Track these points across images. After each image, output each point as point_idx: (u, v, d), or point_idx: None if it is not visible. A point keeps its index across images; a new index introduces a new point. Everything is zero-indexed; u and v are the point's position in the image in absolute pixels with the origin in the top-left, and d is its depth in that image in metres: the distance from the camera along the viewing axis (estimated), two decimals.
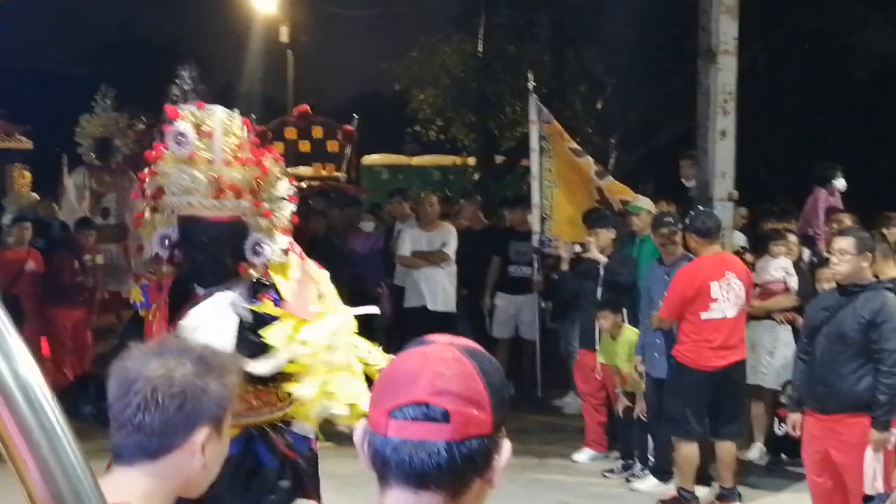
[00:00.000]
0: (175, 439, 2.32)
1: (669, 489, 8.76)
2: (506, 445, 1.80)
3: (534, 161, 11.63)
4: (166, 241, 5.93)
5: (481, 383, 1.76)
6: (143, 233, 5.95)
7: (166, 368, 2.33)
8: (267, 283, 5.89)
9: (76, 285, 11.76)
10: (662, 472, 9.05)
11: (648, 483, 9.08)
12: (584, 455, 9.97)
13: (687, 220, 8.71)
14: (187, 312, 5.68)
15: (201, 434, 2.33)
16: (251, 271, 5.96)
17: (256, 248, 6.05)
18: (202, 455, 2.34)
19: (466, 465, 1.72)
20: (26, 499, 1.51)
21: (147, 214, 6.02)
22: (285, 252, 5.97)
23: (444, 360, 1.77)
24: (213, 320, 5.71)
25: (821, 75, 21.19)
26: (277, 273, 6.01)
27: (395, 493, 1.75)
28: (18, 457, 1.48)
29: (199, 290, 6.00)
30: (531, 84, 11.80)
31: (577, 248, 10.27)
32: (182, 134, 5.73)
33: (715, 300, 8.24)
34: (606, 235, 9.90)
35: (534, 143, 11.60)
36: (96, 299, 12.28)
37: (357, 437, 1.82)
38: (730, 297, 8.28)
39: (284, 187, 6.07)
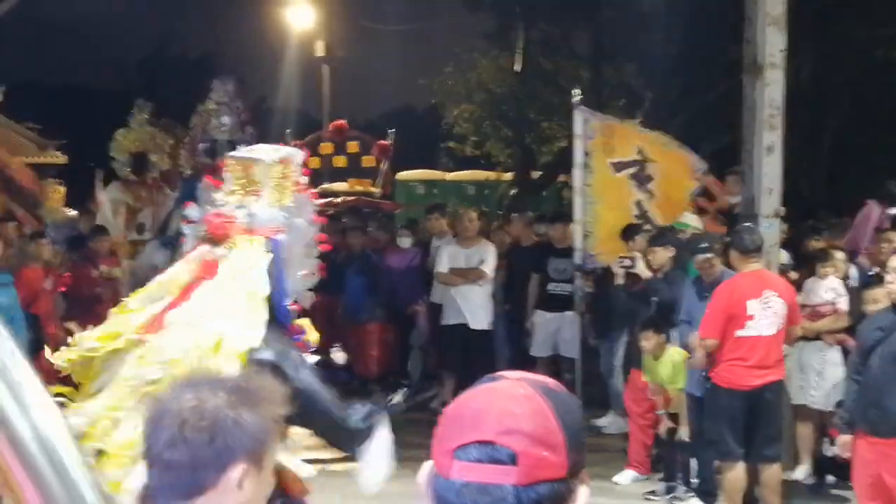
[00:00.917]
0: (207, 477, 2.11)
1: None
2: (582, 492, 1.62)
3: (577, 176, 11.41)
4: None
5: (555, 422, 1.59)
6: None
7: (198, 400, 2.13)
8: None
9: (95, 297, 11.35)
10: (706, 493, 8.87)
11: None
12: (625, 476, 9.73)
13: (730, 237, 8.52)
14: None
15: (237, 471, 2.12)
16: None
17: None
18: (240, 493, 2.14)
19: None
20: None
21: None
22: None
23: (515, 397, 1.61)
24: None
25: (866, 87, 20.88)
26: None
27: None
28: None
29: None
30: (577, 98, 11.57)
31: (627, 263, 10.06)
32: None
33: (751, 317, 8.00)
34: (664, 254, 9.67)
35: (578, 157, 11.36)
36: None
37: (422, 480, 1.65)
38: (767, 316, 8.04)
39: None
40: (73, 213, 15.10)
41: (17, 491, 1.20)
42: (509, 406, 1.59)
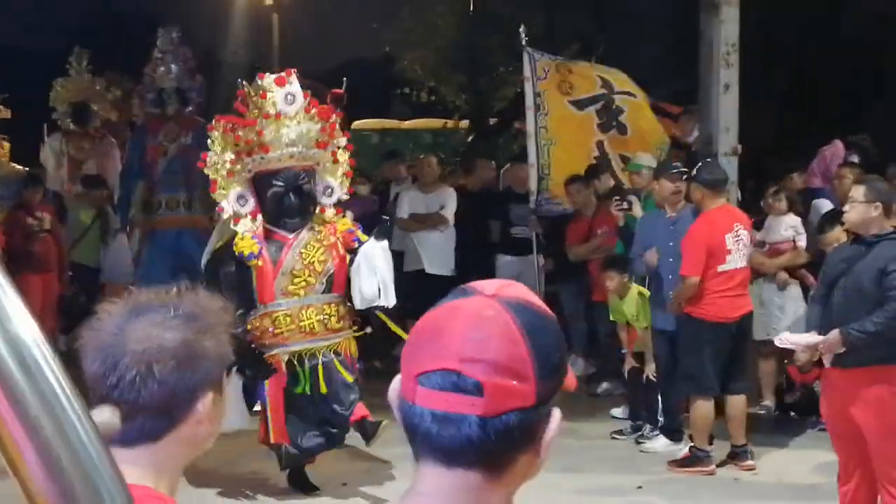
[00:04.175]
0: (178, 414, 2.00)
1: (679, 448, 8.75)
2: (555, 416, 1.52)
3: (529, 119, 11.29)
4: (242, 200, 7.46)
5: (524, 348, 1.47)
6: (218, 196, 7.49)
7: (156, 335, 1.98)
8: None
9: (29, 247, 11.34)
10: (673, 431, 8.99)
11: (659, 443, 9.01)
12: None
13: (693, 172, 8.53)
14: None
15: (205, 402, 2.03)
16: (327, 212, 7.70)
17: (327, 189, 7.74)
18: (208, 423, 2.05)
19: (503, 442, 1.46)
20: (22, 495, 1.06)
21: (222, 179, 7.48)
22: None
23: (482, 318, 1.48)
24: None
25: (813, 35, 20.90)
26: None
27: (426, 467, 1.52)
28: (12, 444, 1.03)
29: (286, 234, 7.52)
30: (524, 38, 11.42)
31: (625, 206, 9.98)
32: (292, 94, 7.49)
33: (729, 252, 8.26)
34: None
35: (529, 100, 11.25)
36: (62, 265, 11.95)
37: (391, 397, 1.56)
38: (739, 248, 8.33)
39: (343, 139, 7.85)
40: (19, 168, 14.81)
41: None
42: (475, 331, 1.47)
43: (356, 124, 22.24)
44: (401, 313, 8.49)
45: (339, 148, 7.87)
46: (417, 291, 11.63)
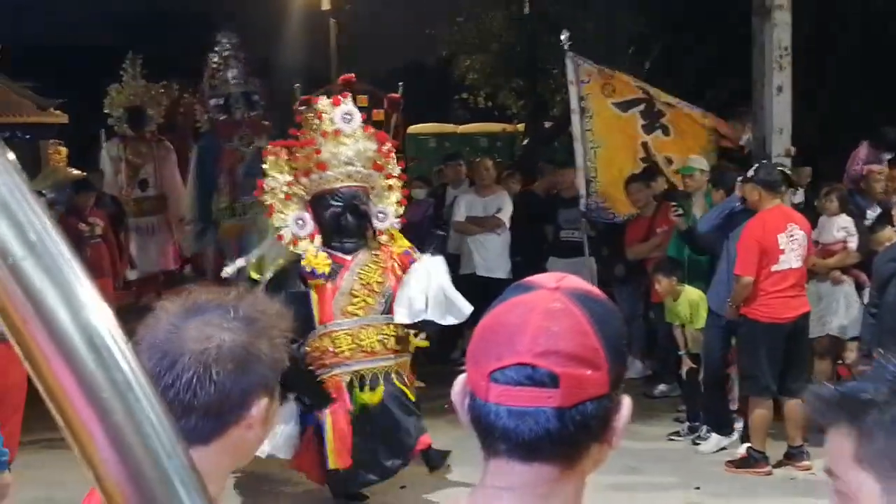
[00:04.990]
0: (231, 418, 1.99)
1: (731, 440, 8.90)
2: (625, 402, 1.56)
3: (575, 122, 11.31)
4: (300, 222, 7.48)
5: (594, 337, 1.49)
6: (276, 220, 7.53)
7: (216, 336, 1.97)
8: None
9: (85, 256, 11.38)
10: (721, 425, 9.06)
11: (711, 442, 9.04)
12: None
13: (751, 173, 8.56)
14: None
15: (259, 406, 2.01)
16: (382, 236, 7.73)
17: (380, 214, 7.75)
18: (259, 428, 2.04)
19: (581, 431, 1.49)
20: (93, 483, 1.05)
21: (279, 203, 7.53)
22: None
23: (551, 311, 1.50)
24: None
25: (866, 35, 20.65)
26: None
27: (501, 462, 1.51)
28: (81, 426, 1.02)
29: (343, 255, 7.51)
30: (566, 44, 11.45)
31: (681, 211, 9.93)
32: (349, 113, 7.56)
33: (783, 252, 8.26)
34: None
35: (574, 104, 11.27)
36: (115, 271, 12.07)
37: (456, 396, 1.56)
38: (794, 248, 8.31)
39: (398, 168, 8.00)
40: (77, 171, 15.04)
41: (64, 403, 1.05)
42: (546, 323, 1.49)
43: (414, 128, 22.34)
44: None
45: (393, 175, 7.90)
46: (472, 295, 11.70)
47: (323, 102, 7.67)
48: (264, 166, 7.66)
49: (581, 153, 11.12)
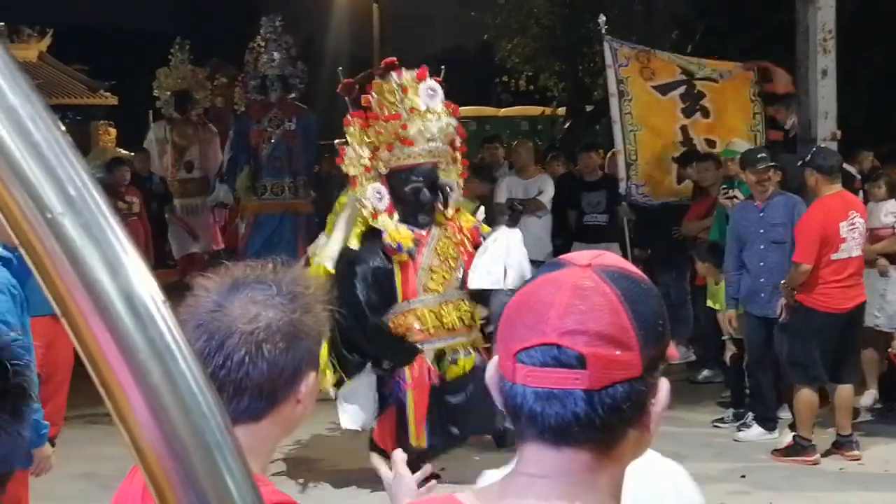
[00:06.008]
0: (282, 395, 1.99)
1: (773, 437, 8.67)
2: (663, 386, 1.46)
3: (613, 106, 11.26)
4: (378, 195, 7.41)
5: (626, 316, 1.40)
6: (359, 192, 7.45)
7: (263, 314, 1.96)
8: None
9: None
10: (766, 419, 8.86)
11: (753, 432, 8.84)
12: None
13: (807, 157, 8.44)
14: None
15: (308, 381, 2.02)
16: (447, 211, 7.65)
17: (447, 188, 7.65)
18: (307, 402, 2.04)
19: (612, 415, 1.39)
20: (128, 446, 1.02)
21: (361, 175, 7.45)
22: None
23: (580, 289, 1.42)
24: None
25: None
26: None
27: (532, 448, 1.44)
28: (118, 388, 0.99)
29: (420, 231, 7.45)
30: (603, 28, 11.41)
31: (731, 194, 9.84)
32: (433, 89, 7.42)
33: (844, 240, 8.08)
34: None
35: (612, 87, 11.20)
36: (148, 250, 12.18)
37: (490, 379, 1.48)
38: (855, 237, 8.15)
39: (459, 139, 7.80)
40: (124, 152, 15.18)
41: (101, 363, 1.02)
42: (574, 301, 1.40)
43: None
44: None
45: (457, 148, 7.80)
46: None
47: (406, 77, 7.51)
48: (347, 137, 7.56)
49: (620, 136, 11.09)
